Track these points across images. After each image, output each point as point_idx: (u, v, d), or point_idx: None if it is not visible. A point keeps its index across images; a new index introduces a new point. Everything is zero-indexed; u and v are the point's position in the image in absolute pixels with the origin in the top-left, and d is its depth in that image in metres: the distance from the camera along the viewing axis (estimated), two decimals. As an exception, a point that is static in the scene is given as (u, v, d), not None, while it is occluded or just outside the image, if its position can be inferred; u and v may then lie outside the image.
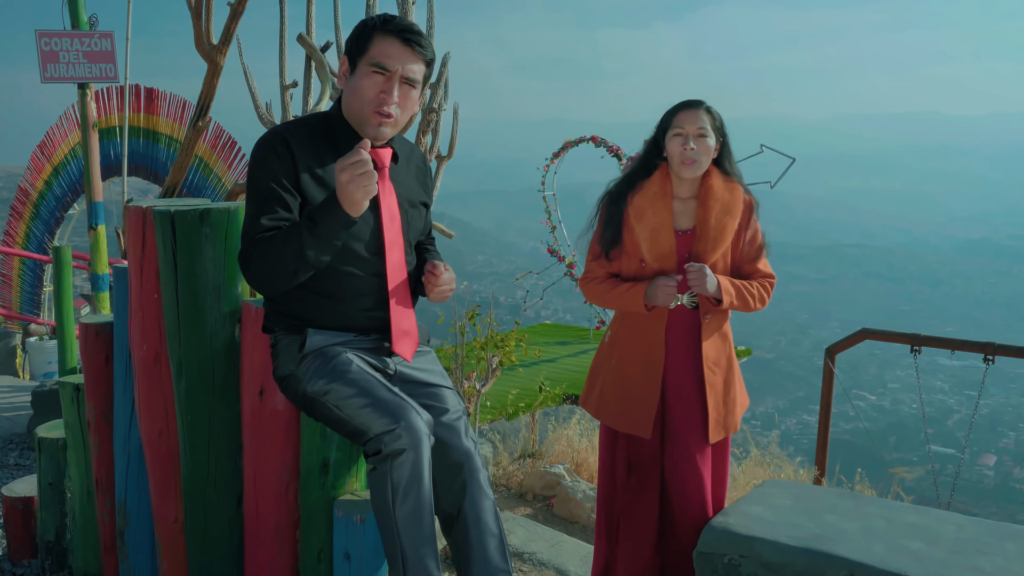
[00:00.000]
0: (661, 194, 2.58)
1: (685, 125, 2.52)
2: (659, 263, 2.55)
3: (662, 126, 2.59)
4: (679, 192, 2.61)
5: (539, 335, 8.23)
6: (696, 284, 2.48)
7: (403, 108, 2.04)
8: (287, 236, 1.92)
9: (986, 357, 4.18)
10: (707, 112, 2.55)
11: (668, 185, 2.60)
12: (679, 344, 2.60)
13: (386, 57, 1.98)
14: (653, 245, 2.55)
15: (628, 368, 2.65)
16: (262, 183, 1.98)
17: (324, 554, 2.22)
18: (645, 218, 2.56)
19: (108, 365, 2.66)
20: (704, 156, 2.54)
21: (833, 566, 2.19)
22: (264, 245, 1.93)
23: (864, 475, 5.01)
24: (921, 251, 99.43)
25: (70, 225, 9.87)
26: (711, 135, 2.54)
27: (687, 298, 2.58)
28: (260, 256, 1.93)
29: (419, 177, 2.25)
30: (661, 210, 2.56)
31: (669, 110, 2.59)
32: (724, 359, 2.62)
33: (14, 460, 4.85)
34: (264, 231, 1.95)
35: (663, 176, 2.61)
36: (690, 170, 2.54)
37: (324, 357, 2.04)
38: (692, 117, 2.53)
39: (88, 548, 2.89)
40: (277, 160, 1.98)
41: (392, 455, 1.90)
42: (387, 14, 2.06)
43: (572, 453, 5.23)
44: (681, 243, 2.58)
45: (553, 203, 9.38)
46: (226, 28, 4.36)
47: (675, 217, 2.60)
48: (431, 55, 2.07)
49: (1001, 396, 43.62)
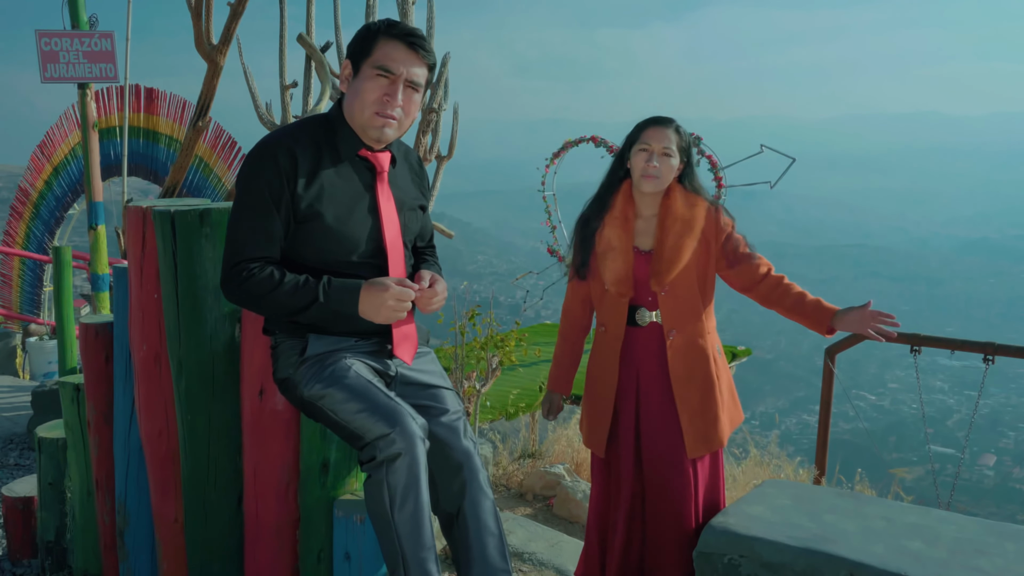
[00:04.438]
0: (622, 218, 2.61)
1: (651, 142, 2.54)
2: (616, 287, 2.58)
3: (630, 138, 2.62)
4: (642, 209, 2.63)
5: (539, 335, 8.23)
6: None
7: (406, 111, 2.05)
8: (293, 294, 1.93)
9: (986, 357, 4.18)
10: (676, 132, 2.57)
11: (630, 207, 2.63)
12: (651, 362, 2.61)
13: (391, 60, 1.99)
14: (610, 269, 2.58)
15: (590, 387, 2.73)
16: (255, 195, 1.96)
17: (324, 554, 2.22)
18: (604, 241, 2.60)
19: (108, 365, 2.66)
20: (666, 174, 2.55)
21: (833, 566, 2.19)
22: (260, 285, 1.93)
23: (864, 475, 5.01)
24: (921, 251, 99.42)
25: (70, 225, 9.86)
26: (675, 155, 2.56)
27: (658, 315, 2.59)
28: (251, 294, 1.95)
29: (415, 179, 2.25)
30: (620, 233, 2.59)
31: (639, 124, 2.61)
32: (700, 375, 2.59)
33: (14, 460, 4.85)
34: (253, 259, 1.96)
35: (625, 198, 2.63)
36: (649, 185, 2.55)
37: (322, 362, 2.04)
38: (659, 135, 2.55)
39: (88, 548, 2.89)
40: (275, 171, 1.96)
41: (388, 460, 1.90)
42: (390, 19, 2.07)
43: (572, 453, 5.23)
44: (641, 264, 2.59)
45: (553, 203, 9.38)
46: (226, 28, 4.36)
47: (637, 236, 2.62)
48: (433, 60, 2.08)
49: (1001, 396, 43.63)
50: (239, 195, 1.99)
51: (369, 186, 2.07)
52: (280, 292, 1.94)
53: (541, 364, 6.80)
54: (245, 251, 1.96)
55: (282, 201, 1.96)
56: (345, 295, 1.95)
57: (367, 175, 2.08)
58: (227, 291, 1.99)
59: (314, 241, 2.01)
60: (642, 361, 2.62)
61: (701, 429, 2.58)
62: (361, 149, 2.06)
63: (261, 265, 1.96)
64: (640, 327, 2.61)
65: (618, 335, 2.62)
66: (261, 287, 1.94)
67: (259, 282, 1.94)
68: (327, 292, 1.95)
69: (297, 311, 1.95)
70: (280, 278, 1.94)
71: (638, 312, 2.60)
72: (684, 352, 2.58)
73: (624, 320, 2.61)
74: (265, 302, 1.95)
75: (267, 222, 1.96)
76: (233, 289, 1.97)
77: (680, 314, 2.58)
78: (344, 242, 2.02)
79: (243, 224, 1.97)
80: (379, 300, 1.93)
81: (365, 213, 2.05)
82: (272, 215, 1.96)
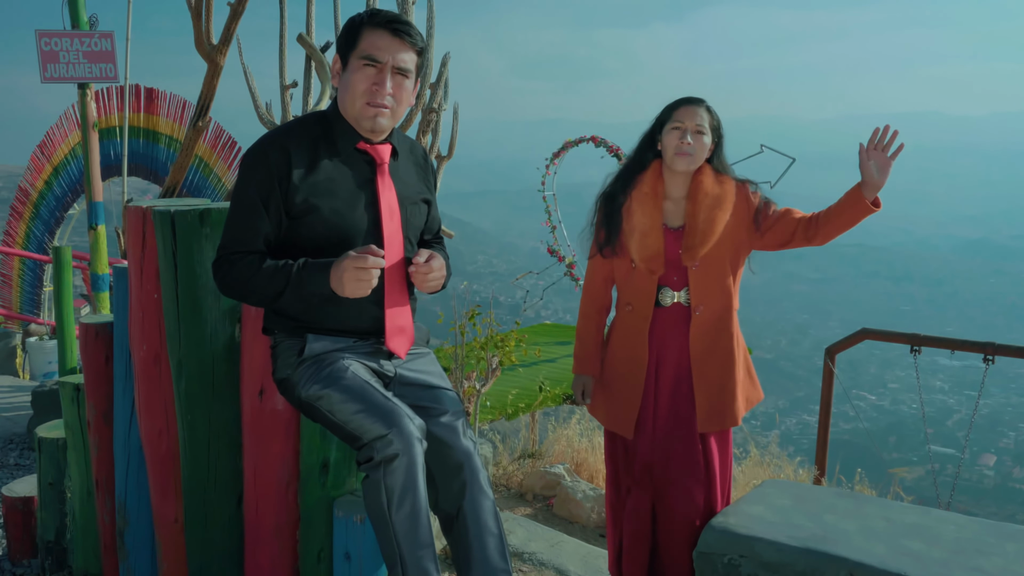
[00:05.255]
0: (652, 195, 2.60)
1: (685, 120, 2.54)
2: (646, 264, 2.57)
3: (660, 119, 2.61)
4: (671, 191, 2.62)
5: (539, 335, 8.22)
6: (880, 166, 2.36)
7: (398, 99, 2.04)
8: (271, 276, 1.97)
9: (986, 357, 4.18)
10: (707, 111, 2.57)
11: (660, 185, 2.61)
12: (671, 341, 2.61)
13: (376, 49, 1.99)
14: (641, 246, 2.57)
15: (615, 368, 2.70)
16: (249, 194, 2.00)
17: (324, 554, 2.22)
18: (634, 218, 2.58)
19: (108, 365, 2.66)
20: (699, 152, 2.55)
21: (833, 566, 2.19)
22: (243, 271, 1.98)
23: (864, 475, 5.01)
24: (921, 251, 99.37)
25: (70, 225, 9.86)
26: (708, 133, 2.56)
27: (683, 295, 2.59)
28: (236, 280, 2.00)
29: (420, 173, 2.25)
30: (651, 211, 2.58)
31: (669, 104, 2.60)
32: (720, 351, 2.60)
33: (14, 460, 4.85)
34: (238, 251, 2.00)
35: (655, 176, 2.62)
36: (683, 162, 2.54)
37: (320, 362, 2.04)
38: (692, 113, 2.54)
39: (88, 548, 2.89)
40: (266, 171, 1.98)
41: (385, 461, 1.90)
42: (374, 8, 2.06)
43: (572, 453, 5.23)
44: (671, 242, 2.58)
45: (553, 203, 9.38)
46: (226, 28, 4.36)
47: (666, 216, 2.61)
48: (421, 43, 2.07)
49: (1001, 396, 43.62)
50: (233, 192, 2.04)
51: (369, 179, 2.07)
52: (259, 277, 1.97)
53: (541, 364, 6.79)
54: (231, 245, 2.01)
55: (271, 200, 1.99)
56: (317, 274, 1.96)
57: (367, 169, 2.08)
58: (216, 282, 2.05)
59: (312, 235, 2.02)
60: (663, 342, 2.61)
61: (717, 405, 2.59)
62: (359, 142, 2.07)
63: (242, 255, 2.00)
64: (663, 307, 2.60)
65: (646, 315, 2.60)
66: (242, 274, 1.99)
67: (240, 269, 1.99)
68: (300, 273, 1.97)
69: (276, 295, 1.98)
70: (259, 264, 1.99)
71: (662, 292, 2.60)
72: (708, 327, 2.59)
73: (653, 299, 2.60)
74: (247, 289, 2.00)
75: (254, 220, 2.00)
76: (219, 280, 2.03)
77: (709, 290, 2.57)
78: (342, 235, 2.02)
79: (231, 221, 2.03)
80: (339, 269, 1.92)
81: (364, 206, 2.05)
82: (260, 214, 2.00)
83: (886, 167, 2.38)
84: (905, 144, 2.39)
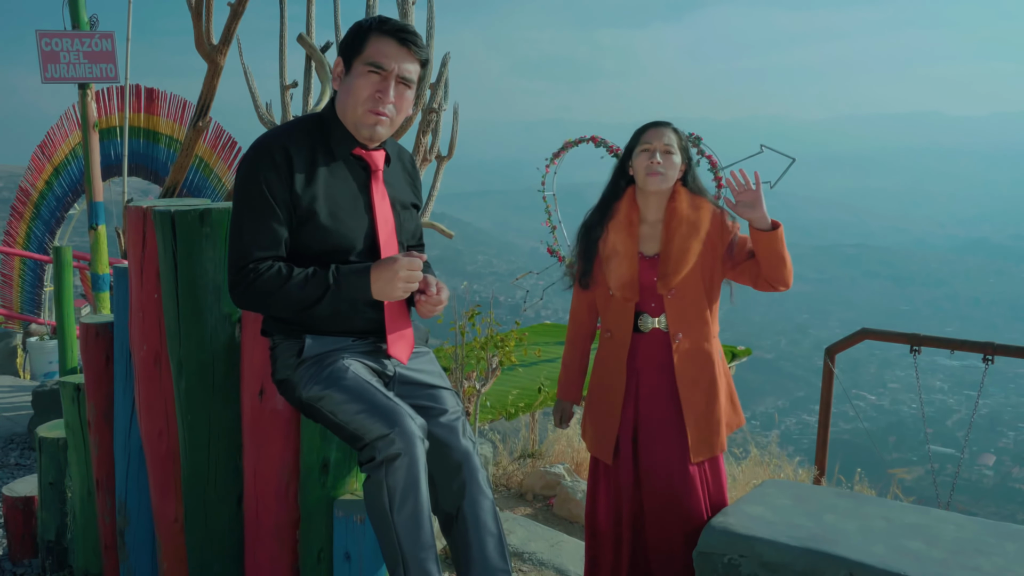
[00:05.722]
0: (626, 222, 2.62)
1: (652, 141, 2.57)
2: (621, 291, 2.58)
3: (629, 146, 2.64)
4: (647, 214, 2.64)
5: (539, 335, 8.22)
6: (748, 202, 2.41)
7: (398, 108, 2.04)
8: (303, 285, 1.93)
9: (985, 357, 4.18)
10: (674, 131, 2.60)
11: (634, 211, 2.63)
12: (653, 366, 2.61)
13: (382, 56, 1.98)
14: (616, 274, 2.58)
15: (596, 393, 2.73)
16: (256, 195, 1.95)
17: (324, 554, 2.22)
18: (609, 247, 2.60)
19: (108, 365, 2.66)
20: (670, 170, 2.56)
21: (833, 566, 2.19)
22: (273, 280, 1.93)
23: (864, 475, 5.02)
24: (921, 251, 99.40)
25: (70, 225, 9.86)
26: (677, 152, 2.58)
27: (661, 321, 2.59)
28: (263, 290, 1.93)
29: (408, 179, 2.25)
30: (625, 239, 2.60)
31: (636, 131, 2.64)
32: (705, 379, 2.60)
33: (15, 460, 4.85)
34: (261, 258, 1.95)
35: (629, 203, 2.64)
36: (654, 182, 2.55)
37: (320, 363, 2.04)
38: (659, 134, 2.58)
39: (88, 548, 2.89)
40: (273, 171, 1.95)
41: (387, 461, 1.90)
42: (382, 16, 2.07)
43: (572, 453, 5.23)
44: (646, 269, 2.59)
45: (553, 203, 9.38)
46: (226, 28, 4.36)
47: (642, 242, 2.62)
48: (426, 56, 2.07)
49: (1001, 396, 43.64)
50: (238, 197, 1.98)
51: (364, 185, 2.07)
52: (290, 286, 1.93)
53: (541, 364, 6.79)
54: (251, 253, 1.94)
55: (282, 199, 1.96)
56: (355, 279, 1.95)
57: (361, 174, 2.08)
58: (236, 295, 1.97)
59: (309, 241, 2.00)
60: (643, 368, 2.62)
61: (705, 433, 2.59)
62: (355, 148, 2.06)
63: (268, 264, 1.95)
64: (643, 333, 2.61)
65: (624, 341, 2.62)
66: (270, 284, 1.93)
67: (268, 279, 1.93)
68: (337, 279, 1.94)
69: (310, 303, 1.94)
70: (288, 273, 1.94)
71: (641, 318, 2.60)
72: (690, 356, 2.58)
73: (630, 325, 2.61)
74: (276, 299, 1.94)
75: (270, 221, 1.95)
76: (243, 292, 1.95)
77: (686, 317, 2.58)
78: (339, 241, 2.01)
79: (246, 226, 1.95)
80: (390, 274, 1.93)
81: (360, 212, 2.05)
82: (275, 214, 1.95)
83: (757, 200, 2.43)
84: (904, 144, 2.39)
